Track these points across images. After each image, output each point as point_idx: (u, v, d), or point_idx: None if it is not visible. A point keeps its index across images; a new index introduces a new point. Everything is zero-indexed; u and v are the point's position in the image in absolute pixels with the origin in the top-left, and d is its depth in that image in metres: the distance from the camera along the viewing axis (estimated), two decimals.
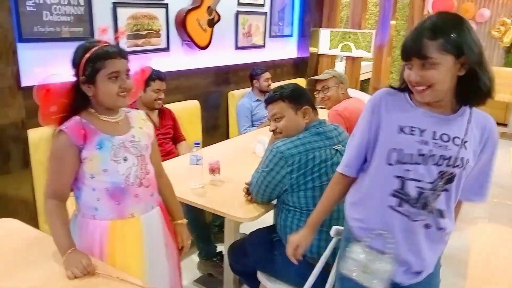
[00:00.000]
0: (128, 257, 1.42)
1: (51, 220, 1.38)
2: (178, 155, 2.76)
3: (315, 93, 2.74)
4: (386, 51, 4.81)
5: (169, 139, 2.87)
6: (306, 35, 4.91)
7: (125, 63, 1.38)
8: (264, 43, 4.36)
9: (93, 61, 1.33)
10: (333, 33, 4.90)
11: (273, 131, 1.89)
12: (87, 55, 1.34)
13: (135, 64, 1.58)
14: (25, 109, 2.28)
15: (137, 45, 3.03)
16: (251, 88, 3.74)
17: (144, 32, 3.07)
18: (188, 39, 3.34)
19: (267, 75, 3.69)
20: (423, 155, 1.20)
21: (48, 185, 1.41)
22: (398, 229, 1.26)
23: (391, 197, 1.25)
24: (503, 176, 3.73)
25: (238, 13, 3.88)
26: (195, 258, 2.61)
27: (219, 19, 3.59)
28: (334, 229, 1.54)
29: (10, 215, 2.24)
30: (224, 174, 2.13)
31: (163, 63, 3.17)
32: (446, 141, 1.21)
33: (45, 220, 1.39)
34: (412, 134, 1.22)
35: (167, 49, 3.27)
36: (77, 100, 1.39)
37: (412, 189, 1.23)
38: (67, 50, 1.43)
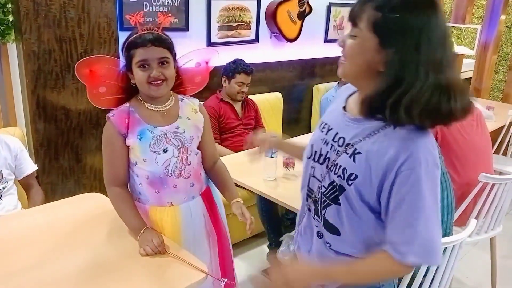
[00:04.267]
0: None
1: (117, 206, 1.42)
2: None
3: None
4: (492, 49, 4.38)
5: (250, 129, 2.94)
6: None
7: (158, 51, 1.32)
8: None
9: (127, 50, 1.35)
10: None
11: None
12: (126, 43, 1.36)
13: (203, 56, 1.58)
14: None
15: (227, 36, 3.13)
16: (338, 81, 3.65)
17: (235, 24, 3.15)
18: (277, 31, 3.37)
19: None
20: (321, 155, 1.08)
21: (105, 173, 1.44)
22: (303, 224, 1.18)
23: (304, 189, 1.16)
24: None
25: (331, 5, 3.80)
26: (265, 248, 2.66)
27: (310, 11, 3.56)
28: None
29: None
30: (298, 169, 2.11)
31: (251, 54, 3.23)
32: (340, 146, 1.03)
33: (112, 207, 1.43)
34: (321, 131, 1.12)
35: (256, 40, 3.33)
36: (129, 86, 1.41)
37: (314, 187, 1.10)
38: None
